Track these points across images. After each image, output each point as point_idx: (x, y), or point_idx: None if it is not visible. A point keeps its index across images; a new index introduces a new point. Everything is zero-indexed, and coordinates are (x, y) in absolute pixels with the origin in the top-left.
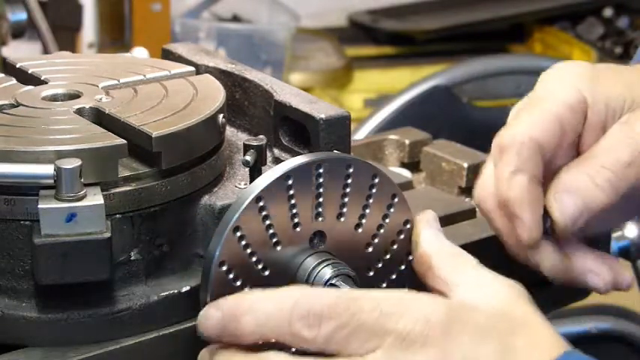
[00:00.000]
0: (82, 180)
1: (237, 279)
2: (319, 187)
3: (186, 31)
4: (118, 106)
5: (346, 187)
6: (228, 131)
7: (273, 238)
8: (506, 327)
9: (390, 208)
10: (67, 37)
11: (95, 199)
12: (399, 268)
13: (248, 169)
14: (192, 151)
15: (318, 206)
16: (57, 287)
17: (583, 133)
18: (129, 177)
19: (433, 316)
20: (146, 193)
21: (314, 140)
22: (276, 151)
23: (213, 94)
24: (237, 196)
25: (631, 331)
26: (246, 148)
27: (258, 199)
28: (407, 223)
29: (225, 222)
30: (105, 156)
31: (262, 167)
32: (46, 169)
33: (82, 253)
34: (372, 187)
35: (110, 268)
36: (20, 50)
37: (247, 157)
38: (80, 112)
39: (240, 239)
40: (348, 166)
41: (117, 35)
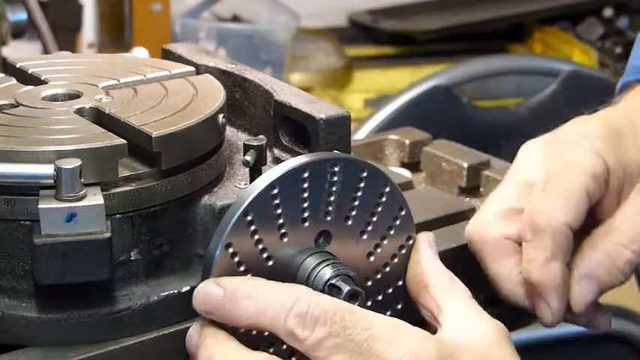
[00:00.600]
0: (82, 180)
1: (240, 264)
2: (332, 185)
3: (186, 31)
4: (118, 106)
5: (358, 190)
6: (228, 131)
7: (281, 228)
8: None
9: (395, 220)
10: (67, 37)
11: (95, 199)
12: (396, 283)
13: (248, 169)
14: (192, 151)
15: (329, 205)
16: (57, 287)
17: (603, 198)
18: (129, 177)
19: (422, 351)
20: (146, 193)
21: (314, 140)
22: (276, 151)
23: (213, 94)
24: (251, 184)
25: (631, 331)
26: (246, 148)
27: (272, 187)
28: (409, 239)
29: (236, 206)
30: (105, 156)
31: (262, 167)
32: (46, 169)
33: (82, 253)
34: (382, 195)
35: (110, 268)
36: (20, 50)
37: (247, 157)
38: (80, 112)
39: (250, 224)
40: (362, 170)
41: (117, 35)
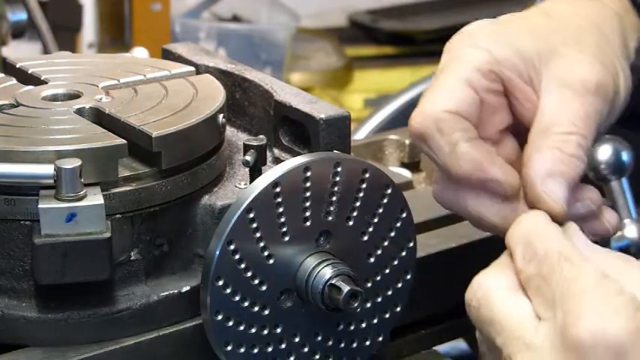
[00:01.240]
0: (82, 180)
1: (241, 262)
2: (334, 185)
3: (186, 31)
4: (118, 106)
5: (359, 191)
6: (228, 131)
7: (282, 227)
8: None
9: (396, 221)
10: (67, 37)
11: (95, 199)
12: (395, 286)
13: (248, 169)
14: (192, 151)
15: (330, 205)
16: (57, 287)
17: (511, 92)
18: (129, 177)
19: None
20: (146, 193)
21: (314, 140)
22: (276, 151)
23: (213, 94)
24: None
25: None
26: (246, 148)
27: (276, 185)
28: (410, 241)
29: (238, 204)
30: (105, 156)
31: (262, 167)
32: (46, 169)
33: (82, 253)
34: (383, 196)
35: (110, 268)
36: (20, 50)
37: (247, 157)
38: (80, 112)
39: (251, 222)
40: (364, 171)
41: (117, 35)
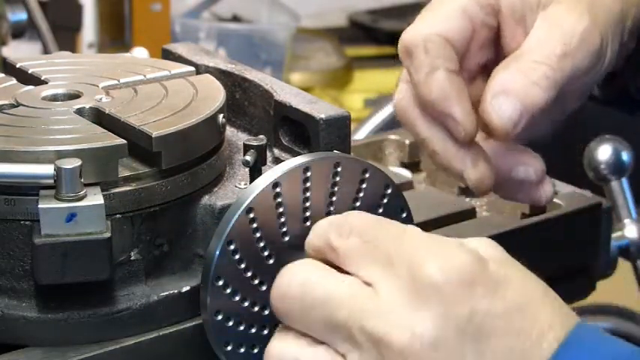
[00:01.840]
0: (82, 180)
1: (241, 262)
2: (334, 185)
3: (186, 31)
4: (118, 106)
5: (359, 191)
6: (228, 131)
7: (282, 227)
8: None
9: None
10: (67, 37)
11: (95, 199)
12: None
13: (248, 169)
14: (192, 151)
15: (330, 205)
16: (57, 287)
17: (502, 29)
18: (129, 177)
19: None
20: (146, 193)
21: (314, 140)
22: (276, 151)
23: (213, 94)
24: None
25: (631, 331)
26: (246, 148)
27: (276, 185)
28: None
29: (238, 203)
30: (105, 156)
31: (262, 167)
32: (46, 169)
33: (82, 253)
34: (383, 196)
35: (110, 268)
36: (20, 50)
37: (247, 157)
38: (80, 112)
39: (251, 222)
40: (364, 171)
41: (117, 35)
